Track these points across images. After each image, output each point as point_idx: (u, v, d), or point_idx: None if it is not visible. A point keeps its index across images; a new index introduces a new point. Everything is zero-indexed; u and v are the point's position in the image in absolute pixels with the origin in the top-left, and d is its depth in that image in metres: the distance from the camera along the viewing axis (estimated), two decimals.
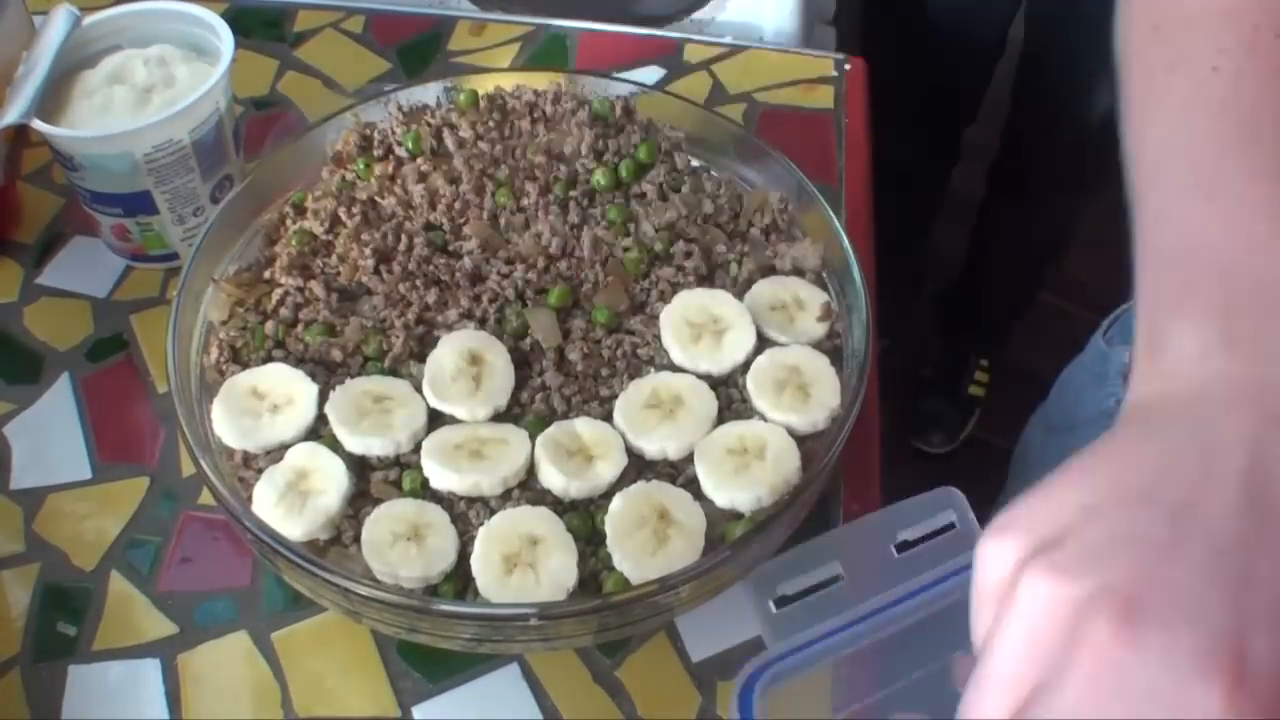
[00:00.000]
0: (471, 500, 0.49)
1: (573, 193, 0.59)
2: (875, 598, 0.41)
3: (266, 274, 0.57)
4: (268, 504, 0.48)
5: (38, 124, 0.59)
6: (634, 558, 0.47)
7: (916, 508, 0.43)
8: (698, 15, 0.91)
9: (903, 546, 0.43)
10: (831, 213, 0.57)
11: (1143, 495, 0.30)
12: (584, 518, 0.49)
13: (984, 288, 1.53)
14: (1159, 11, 0.41)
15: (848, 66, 0.79)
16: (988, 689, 0.30)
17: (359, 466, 0.50)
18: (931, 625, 0.41)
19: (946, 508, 0.43)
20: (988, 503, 0.43)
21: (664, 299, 0.55)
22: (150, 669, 0.52)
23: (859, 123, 0.76)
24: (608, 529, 0.47)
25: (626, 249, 0.57)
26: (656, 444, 0.50)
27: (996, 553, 0.31)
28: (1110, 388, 0.65)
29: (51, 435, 0.60)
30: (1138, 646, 0.27)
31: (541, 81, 0.65)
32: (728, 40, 0.82)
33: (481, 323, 0.55)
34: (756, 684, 0.38)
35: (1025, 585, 0.30)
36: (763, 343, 0.54)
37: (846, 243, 0.56)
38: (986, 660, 0.31)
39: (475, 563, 0.47)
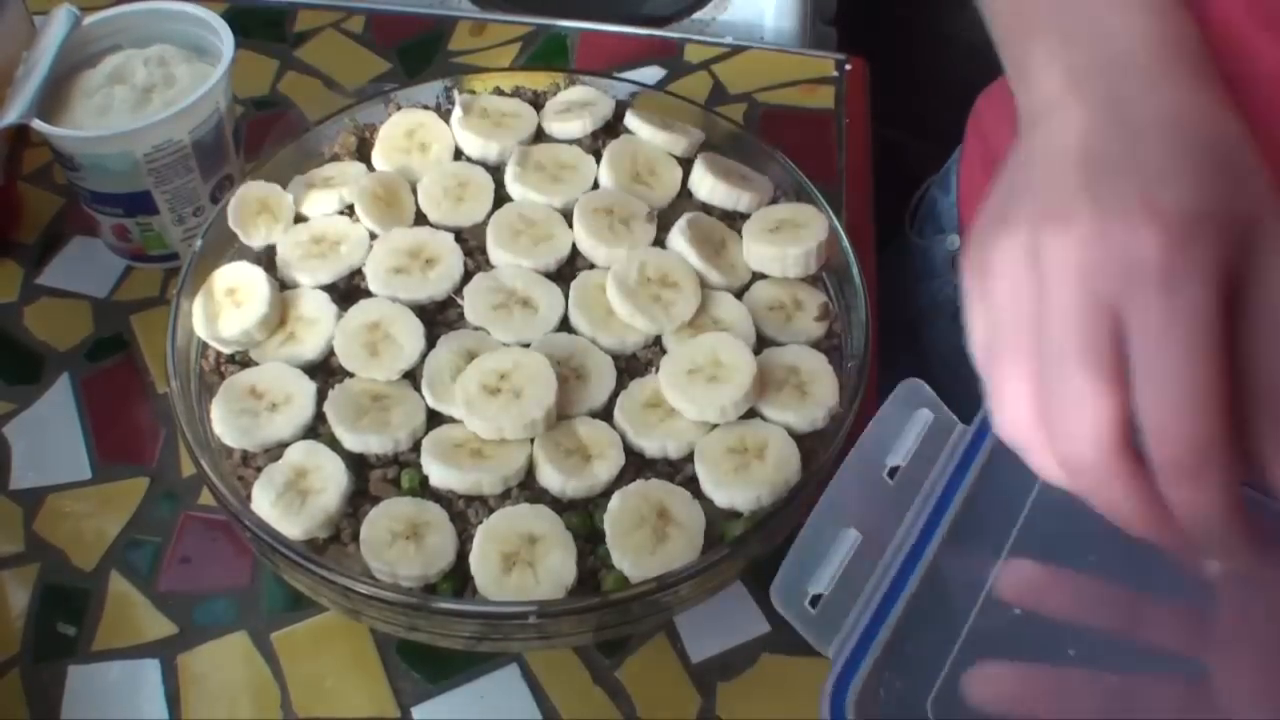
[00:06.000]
0: (470, 499, 0.49)
1: None
2: (895, 544, 0.42)
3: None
4: (266, 503, 0.48)
5: (38, 124, 0.59)
6: (633, 556, 0.46)
7: (891, 417, 0.45)
8: (698, 15, 0.91)
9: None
10: (831, 213, 0.57)
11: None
12: (583, 516, 0.48)
13: None
14: None
15: (848, 66, 0.79)
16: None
17: (357, 465, 0.50)
18: (954, 545, 0.43)
19: (919, 404, 0.46)
20: None
21: None
22: (150, 669, 0.52)
23: (859, 123, 0.76)
24: (607, 528, 0.47)
25: None
26: (657, 443, 0.50)
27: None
28: (941, 280, 0.63)
29: (51, 435, 0.60)
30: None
31: (542, 81, 0.65)
32: (728, 40, 0.82)
33: None
34: (845, 700, 0.39)
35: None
36: (761, 343, 0.54)
37: (846, 243, 0.56)
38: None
39: (474, 561, 0.46)
